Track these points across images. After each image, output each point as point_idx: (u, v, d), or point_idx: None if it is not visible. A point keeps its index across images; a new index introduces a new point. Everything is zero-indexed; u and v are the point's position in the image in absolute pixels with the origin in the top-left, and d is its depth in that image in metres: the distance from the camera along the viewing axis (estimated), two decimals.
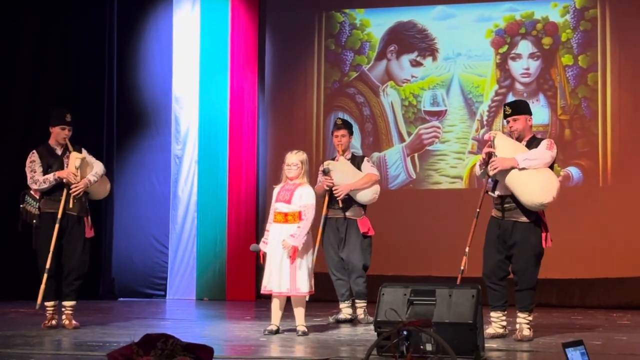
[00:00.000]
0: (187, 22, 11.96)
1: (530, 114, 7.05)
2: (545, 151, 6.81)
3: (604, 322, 8.50)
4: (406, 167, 11.21)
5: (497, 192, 6.93)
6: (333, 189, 8.25)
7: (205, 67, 11.77)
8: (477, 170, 7.14)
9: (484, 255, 7.01)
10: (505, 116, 7.04)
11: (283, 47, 11.90)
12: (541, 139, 7.01)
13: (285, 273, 7.08)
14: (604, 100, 10.51)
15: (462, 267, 6.98)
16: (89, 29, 11.70)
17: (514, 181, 6.72)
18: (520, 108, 7.05)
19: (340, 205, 8.29)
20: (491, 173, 6.81)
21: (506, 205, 6.87)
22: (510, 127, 6.99)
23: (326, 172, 8.26)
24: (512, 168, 6.71)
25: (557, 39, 10.77)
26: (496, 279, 6.92)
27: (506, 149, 6.82)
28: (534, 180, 6.68)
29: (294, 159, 7.26)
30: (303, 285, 7.11)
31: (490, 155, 6.83)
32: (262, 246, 7.24)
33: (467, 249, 7.01)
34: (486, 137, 7.01)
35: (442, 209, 10.71)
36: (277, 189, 7.31)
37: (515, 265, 6.89)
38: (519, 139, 6.97)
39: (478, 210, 7.07)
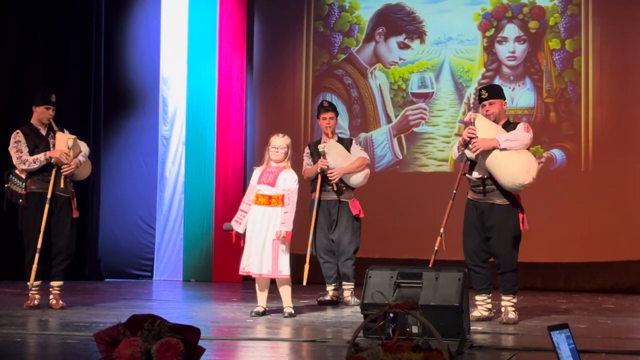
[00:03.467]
0: (176, 2, 11.91)
1: (505, 98, 7.11)
2: (525, 133, 6.85)
3: (588, 306, 8.55)
4: (392, 148, 11.22)
5: (475, 174, 6.95)
6: (328, 172, 8.27)
7: (193, 49, 11.74)
8: (455, 153, 7.14)
9: (464, 238, 7.04)
10: (482, 100, 7.06)
11: (272, 28, 11.87)
12: (517, 123, 7.07)
13: (267, 255, 7.08)
14: (586, 85, 10.54)
15: (435, 248, 7.05)
16: (76, 9, 11.64)
17: (494, 162, 6.74)
18: (496, 92, 7.09)
19: (335, 188, 8.31)
20: (474, 154, 6.81)
21: (484, 188, 6.89)
22: (487, 111, 7.01)
23: (322, 155, 8.26)
24: (494, 149, 6.73)
25: (544, 22, 10.78)
26: (479, 260, 6.96)
27: (486, 130, 6.85)
28: (515, 161, 6.70)
29: (281, 142, 7.26)
30: (285, 268, 7.13)
31: (471, 137, 6.85)
32: (235, 226, 7.20)
33: (441, 230, 7.09)
34: (466, 118, 7.05)
35: (429, 192, 10.72)
36: (258, 171, 7.29)
37: (494, 248, 6.91)
38: (495, 123, 7.00)
39: (454, 191, 7.14)
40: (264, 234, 7.10)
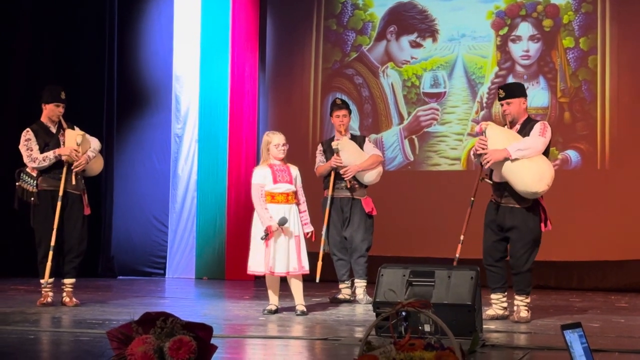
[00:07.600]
0: (188, 1, 11.92)
1: (524, 96, 7.03)
2: (538, 138, 6.77)
3: (602, 305, 8.52)
4: (403, 149, 11.18)
5: (493, 178, 6.94)
6: (342, 169, 8.27)
7: (206, 47, 11.74)
8: (473, 158, 7.12)
9: (483, 238, 7.04)
10: (500, 99, 7.03)
11: (284, 26, 11.86)
12: (535, 122, 6.98)
13: (293, 253, 7.13)
14: (602, 84, 10.48)
15: (457, 255, 7.05)
16: (90, 7, 11.67)
17: (508, 171, 6.71)
18: (514, 91, 7.03)
19: (348, 185, 8.32)
20: (485, 166, 6.82)
21: (504, 192, 6.88)
22: (504, 111, 6.99)
23: (336, 152, 8.26)
24: (506, 159, 6.70)
25: (558, 21, 10.72)
26: (492, 260, 6.94)
27: (498, 139, 6.79)
28: (528, 170, 6.67)
29: (283, 139, 7.26)
30: (307, 264, 7.23)
31: (482, 148, 6.82)
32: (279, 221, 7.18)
33: (461, 237, 7.10)
34: (477, 128, 7.01)
35: (441, 191, 10.70)
36: (266, 171, 7.20)
37: (513, 248, 6.91)
38: (513, 122, 6.97)
39: (472, 198, 7.14)
40: (288, 232, 7.12)
